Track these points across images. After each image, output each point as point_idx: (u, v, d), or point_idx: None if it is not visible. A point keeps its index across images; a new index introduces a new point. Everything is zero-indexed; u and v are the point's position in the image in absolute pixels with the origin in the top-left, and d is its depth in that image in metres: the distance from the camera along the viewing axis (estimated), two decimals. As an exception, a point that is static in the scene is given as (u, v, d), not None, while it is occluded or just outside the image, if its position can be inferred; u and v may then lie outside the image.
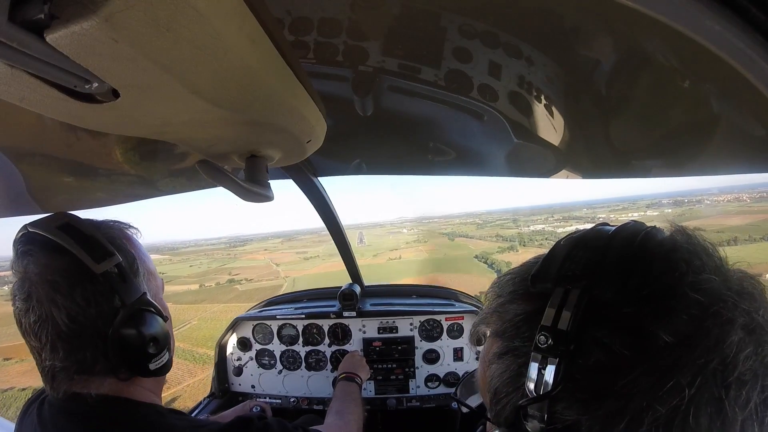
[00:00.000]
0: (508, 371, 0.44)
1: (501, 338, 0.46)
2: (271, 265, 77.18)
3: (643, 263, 0.40)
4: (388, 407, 1.80)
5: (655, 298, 0.37)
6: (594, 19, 0.56)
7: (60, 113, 0.37)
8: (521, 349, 0.42)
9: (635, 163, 0.99)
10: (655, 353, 0.36)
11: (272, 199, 0.65)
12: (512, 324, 0.45)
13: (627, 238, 0.43)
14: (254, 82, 0.39)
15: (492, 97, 0.83)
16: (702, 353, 0.35)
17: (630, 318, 0.37)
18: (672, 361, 0.35)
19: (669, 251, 0.40)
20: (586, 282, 0.39)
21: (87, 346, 0.66)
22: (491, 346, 0.48)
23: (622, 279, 0.39)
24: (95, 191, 1.12)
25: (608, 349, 0.37)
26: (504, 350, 0.45)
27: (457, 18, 0.62)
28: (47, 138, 0.80)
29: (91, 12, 0.23)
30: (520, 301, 0.45)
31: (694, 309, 0.36)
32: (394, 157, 1.44)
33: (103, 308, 0.66)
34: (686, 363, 0.35)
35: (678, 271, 0.38)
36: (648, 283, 0.38)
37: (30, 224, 0.68)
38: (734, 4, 0.34)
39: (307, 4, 0.62)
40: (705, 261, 0.40)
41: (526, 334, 0.42)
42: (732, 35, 0.35)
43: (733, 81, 0.55)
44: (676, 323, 0.36)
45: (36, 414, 0.72)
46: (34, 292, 0.64)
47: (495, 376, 0.45)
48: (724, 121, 0.68)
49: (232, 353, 1.91)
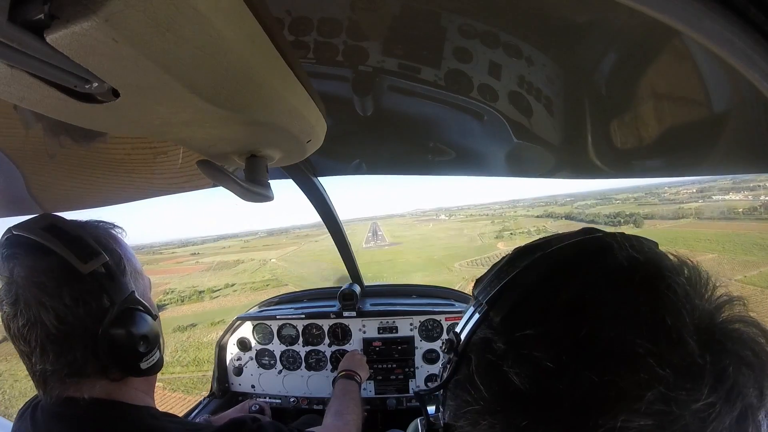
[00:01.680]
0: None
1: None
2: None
3: (547, 294, 0.35)
4: (388, 407, 1.80)
5: (529, 342, 0.32)
6: (594, 18, 0.56)
7: (60, 113, 0.37)
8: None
9: (635, 163, 0.99)
10: (502, 396, 0.33)
11: (272, 199, 0.65)
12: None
13: (557, 260, 0.37)
14: (254, 82, 0.39)
15: (492, 97, 0.83)
16: (565, 427, 0.30)
17: (498, 351, 0.34)
18: (513, 413, 0.32)
19: (598, 285, 0.33)
20: (488, 303, 0.38)
21: (77, 347, 0.65)
22: None
23: (513, 308, 0.36)
24: (95, 191, 1.12)
25: (470, 373, 0.36)
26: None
27: (457, 18, 0.62)
28: (47, 138, 0.80)
29: (91, 12, 0.23)
30: (469, 302, 0.45)
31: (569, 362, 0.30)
32: (394, 157, 1.44)
33: (91, 308, 0.66)
34: (534, 429, 0.31)
35: (587, 316, 0.32)
36: (533, 320, 0.33)
37: (14, 227, 0.68)
38: (734, 4, 0.34)
39: (307, 4, 0.62)
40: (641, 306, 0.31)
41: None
42: (732, 35, 0.35)
43: (733, 81, 0.55)
44: (544, 377, 0.31)
45: (30, 419, 0.71)
46: (21, 296, 0.63)
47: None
48: (724, 121, 0.68)
49: (232, 353, 1.91)
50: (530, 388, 0.31)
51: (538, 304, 0.35)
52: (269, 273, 46.12)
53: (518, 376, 0.32)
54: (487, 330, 0.37)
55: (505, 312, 0.36)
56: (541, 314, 0.34)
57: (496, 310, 0.37)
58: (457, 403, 0.38)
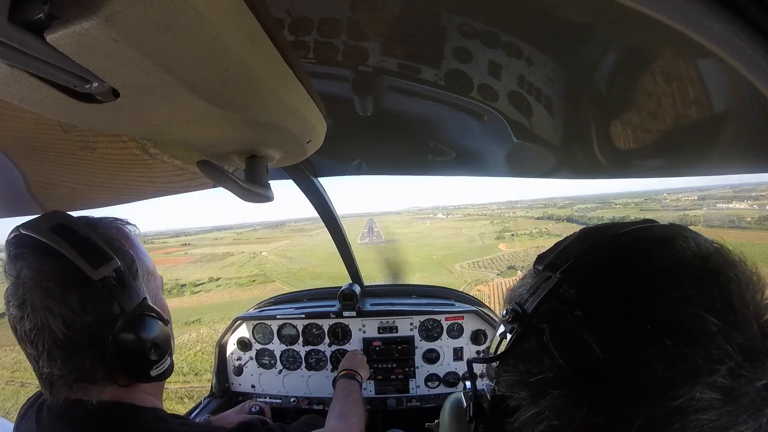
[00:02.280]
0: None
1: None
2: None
3: (621, 272, 0.36)
4: (388, 407, 1.80)
5: (608, 313, 0.34)
6: (594, 18, 0.56)
7: (60, 113, 0.37)
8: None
9: (635, 162, 0.99)
10: (581, 364, 0.34)
11: (272, 200, 0.65)
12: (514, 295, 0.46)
13: (629, 241, 0.39)
14: (254, 82, 0.39)
15: (492, 97, 0.83)
16: (641, 397, 0.31)
17: (574, 321, 0.35)
18: (591, 382, 0.33)
19: (671, 268, 0.35)
20: (561, 274, 0.39)
21: (85, 354, 0.64)
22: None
23: (587, 281, 0.37)
24: (96, 191, 1.12)
25: (543, 342, 0.37)
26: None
27: (457, 18, 0.62)
28: (47, 138, 0.80)
29: (91, 12, 0.23)
30: (528, 277, 0.46)
31: (655, 340, 0.31)
32: (394, 157, 1.44)
33: (100, 315, 0.63)
34: (610, 399, 0.32)
35: (662, 294, 0.34)
36: (610, 294, 0.35)
37: (22, 225, 0.65)
38: (734, 4, 0.34)
39: (307, 4, 0.62)
40: (723, 296, 0.33)
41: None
42: (732, 35, 0.35)
43: (733, 81, 0.55)
44: (623, 347, 0.32)
45: (34, 418, 0.70)
46: (28, 299, 0.61)
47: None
48: (724, 121, 0.68)
49: (232, 353, 1.91)
50: (610, 357, 0.32)
51: (619, 279, 0.36)
52: (257, 268, 43.63)
53: (599, 344, 0.33)
54: (558, 302, 0.38)
55: (582, 283, 0.37)
56: (621, 288, 0.35)
57: (571, 282, 0.38)
58: (518, 374, 0.38)
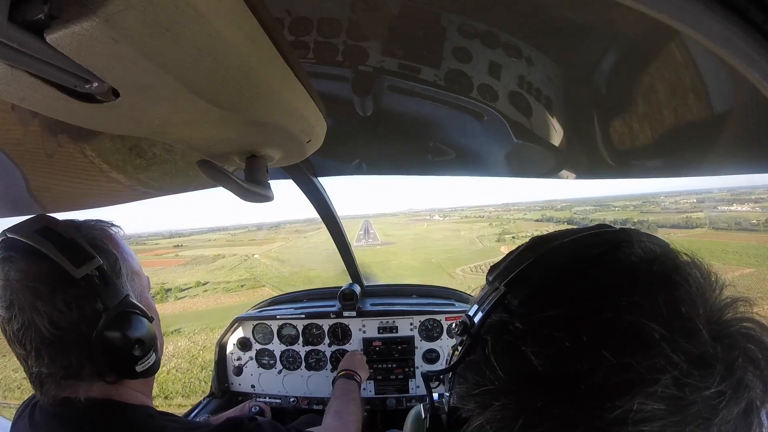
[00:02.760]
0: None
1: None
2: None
3: (565, 281, 0.36)
4: (388, 407, 1.80)
5: (549, 324, 0.33)
6: (593, 18, 0.56)
7: (60, 113, 0.37)
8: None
9: (635, 163, 0.99)
10: (518, 376, 0.34)
11: (272, 199, 0.65)
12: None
13: (576, 249, 0.39)
14: (254, 82, 0.39)
15: (492, 97, 0.83)
16: (579, 409, 0.30)
17: (516, 332, 0.35)
18: (529, 393, 0.32)
19: (616, 275, 0.34)
20: (506, 286, 0.39)
21: (72, 352, 0.65)
22: None
23: (530, 292, 0.37)
24: (95, 192, 1.12)
25: (485, 354, 0.37)
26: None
27: (457, 18, 0.62)
28: (47, 138, 0.80)
29: (91, 12, 0.23)
30: (483, 289, 0.46)
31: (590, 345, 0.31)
32: (394, 157, 1.44)
33: (85, 312, 0.65)
34: (549, 410, 0.31)
35: (606, 303, 0.33)
36: (552, 304, 0.34)
37: (8, 229, 0.68)
38: (734, 4, 0.34)
39: (307, 4, 0.62)
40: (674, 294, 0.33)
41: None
42: (732, 35, 0.35)
43: (733, 81, 0.55)
44: (563, 358, 0.32)
45: (28, 418, 0.71)
46: (16, 300, 0.63)
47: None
48: (724, 121, 0.68)
49: (232, 353, 1.91)
50: (549, 368, 0.32)
51: (560, 288, 0.36)
52: (248, 271, 41.81)
53: (537, 356, 0.32)
54: (503, 313, 0.38)
55: (525, 294, 0.37)
56: (562, 297, 0.35)
57: (515, 293, 0.38)
58: (467, 385, 0.38)
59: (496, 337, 0.37)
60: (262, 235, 78.10)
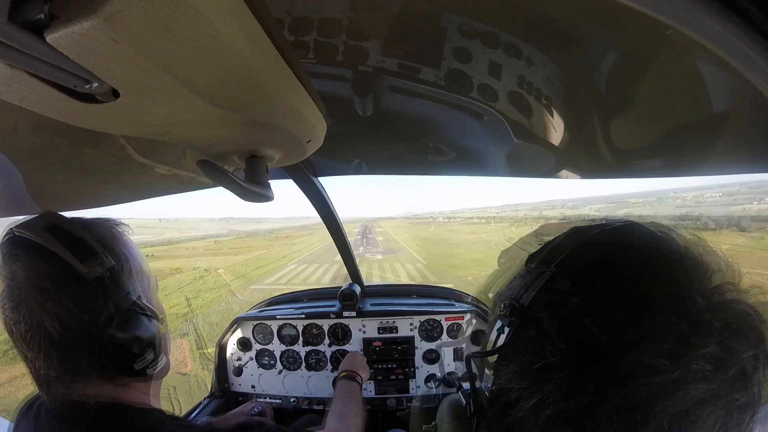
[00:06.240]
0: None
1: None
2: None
3: (610, 263, 0.41)
4: (388, 407, 1.80)
5: (604, 298, 0.38)
6: (594, 19, 0.56)
7: (60, 113, 0.37)
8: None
9: (635, 163, 0.99)
10: (583, 346, 0.37)
11: (272, 199, 0.65)
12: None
13: (615, 237, 0.44)
14: (254, 82, 0.39)
15: (492, 97, 0.83)
16: (637, 384, 0.34)
17: (572, 307, 0.39)
18: (591, 361, 0.36)
19: (653, 257, 0.40)
20: (555, 268, 0.43)
21: (81, 353, 0.64)
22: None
23: (581, 272, 0.41)
24: (95, 192, 1.12)
25: (544, 330, 0.39)
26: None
27: (457, 18, 0.62)
28: (48, 137, 0.80)
29: (91, 12, 0.23)
30: (518, 277, 0.49)
31: (649, 323, 0.35)
32: (394, 157, 1.44)
33: (95, 313, 0.64)
34: (607, 380, 0.35)
35: (647, 280, 0.37)
36: (603, 282, 0.39)
37: (15, 226, 0.66)
38: (734, 4, 0.34)
39: (307, 4, 0.62)
40: (695, 279, 0.38)
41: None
42: (732, 35, 0.35)
43: (733, 81, 0.55)
44: (618, 329, 0.36)
45: (33, 420, 0.70)
46: (24, 300, 0.62)
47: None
48: (724, 121, 0.68)
49: (232, 353, 1.91)
50: (605, 336, 0.36)
51: (605, 268, 0.40)
52: (194, 294, 29.65)
53: (596, 326, 0.36)
54: (552, 293, 0.41)
55: (575, 274, 0.41)
56: (609, 276, 0.39)
57: (564, 274, 0.42)
58: (519, 365, 0.41)
59: (552, 313, 0.40)
60: (247, 241, 74.31)
